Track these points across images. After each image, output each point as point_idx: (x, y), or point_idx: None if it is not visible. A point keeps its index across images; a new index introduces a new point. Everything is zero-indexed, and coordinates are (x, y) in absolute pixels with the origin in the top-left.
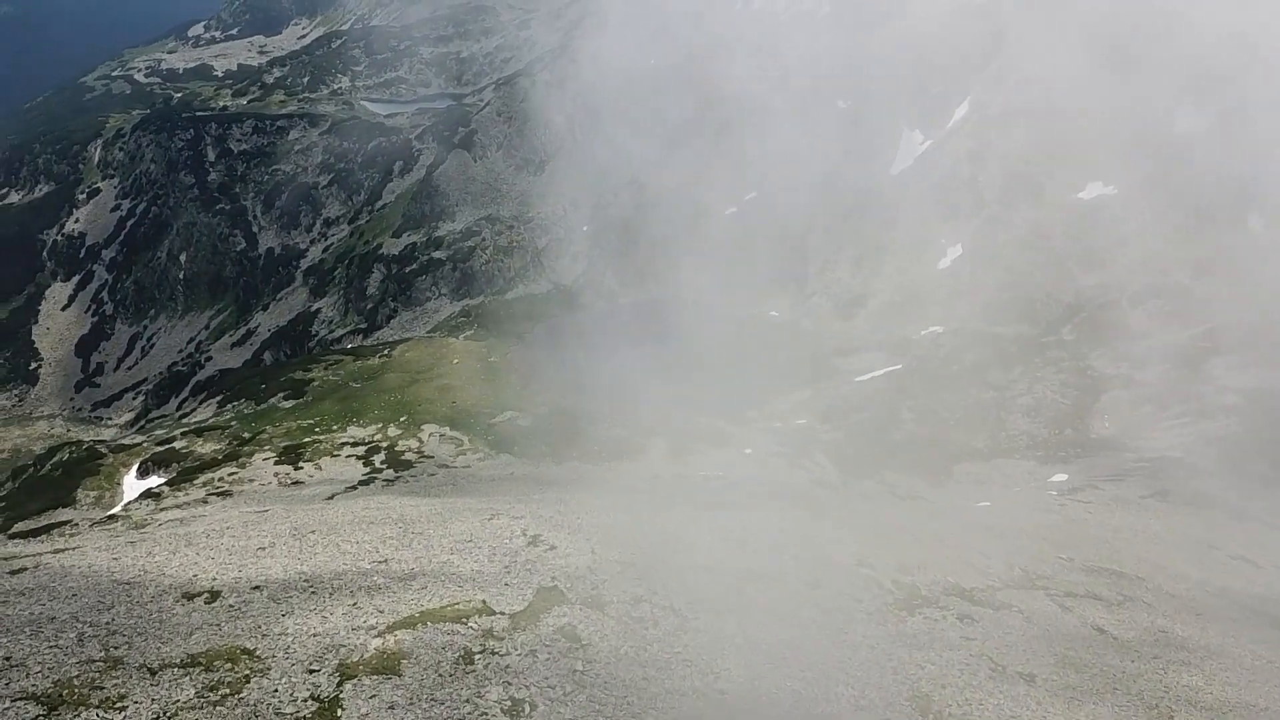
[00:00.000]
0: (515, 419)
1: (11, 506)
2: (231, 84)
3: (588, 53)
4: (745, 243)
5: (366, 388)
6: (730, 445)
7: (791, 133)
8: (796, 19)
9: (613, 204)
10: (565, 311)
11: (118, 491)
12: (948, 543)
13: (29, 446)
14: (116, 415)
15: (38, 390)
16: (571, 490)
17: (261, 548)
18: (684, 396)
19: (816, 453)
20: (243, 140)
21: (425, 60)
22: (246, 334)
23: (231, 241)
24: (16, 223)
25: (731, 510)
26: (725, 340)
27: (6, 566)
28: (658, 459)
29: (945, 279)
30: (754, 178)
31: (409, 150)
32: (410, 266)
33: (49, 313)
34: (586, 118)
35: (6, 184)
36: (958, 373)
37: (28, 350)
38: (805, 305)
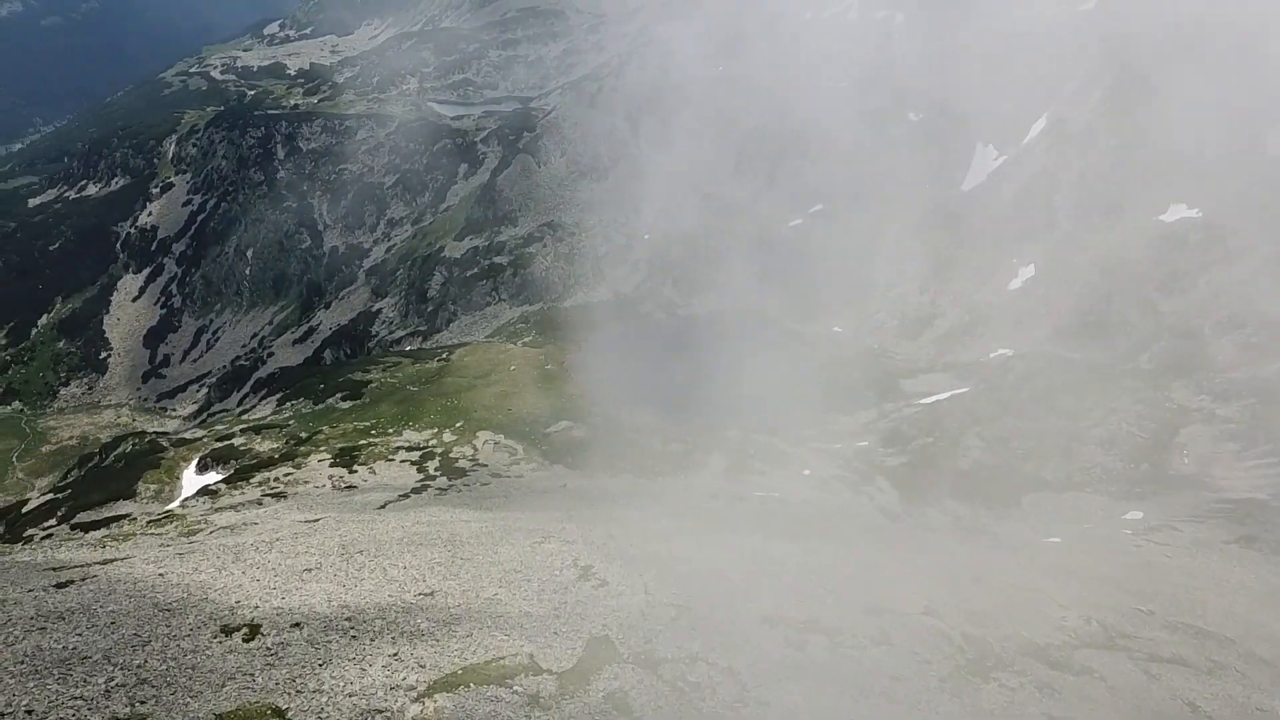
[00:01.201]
0: (570, 429)
1: (76, 495)
2: (303, 83)
3: (655, 59)
4: (809, 256)
5: (424, 391)
6: (789, 465)
7: (860, 145)
8: (868, 28)
9: (675, 213)
10: (623, 321)
11: (177, 486)
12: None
13: (96, 434)
14: (180, 407)
15: (106, 379)
16: (625, 508)
17: (308, 569)
18: (742, 412)
19: (878, 477)
20: (311, 139)
21: (493, 63)
22: (308, 331)
23: (297, 239)
24: (93, 214)
25: (791, 542)
26: (786, 356)
27: (54, 578)
28: (714, 476)
29: (1016, 300)
30: (820, 190)
31: (474, 153)
32: (471, 270)
33: (120, 303)
34: (652, 125)
35: (85, 176)
36: (1027, 399)
37: (98, 339)
38: (869, 323)
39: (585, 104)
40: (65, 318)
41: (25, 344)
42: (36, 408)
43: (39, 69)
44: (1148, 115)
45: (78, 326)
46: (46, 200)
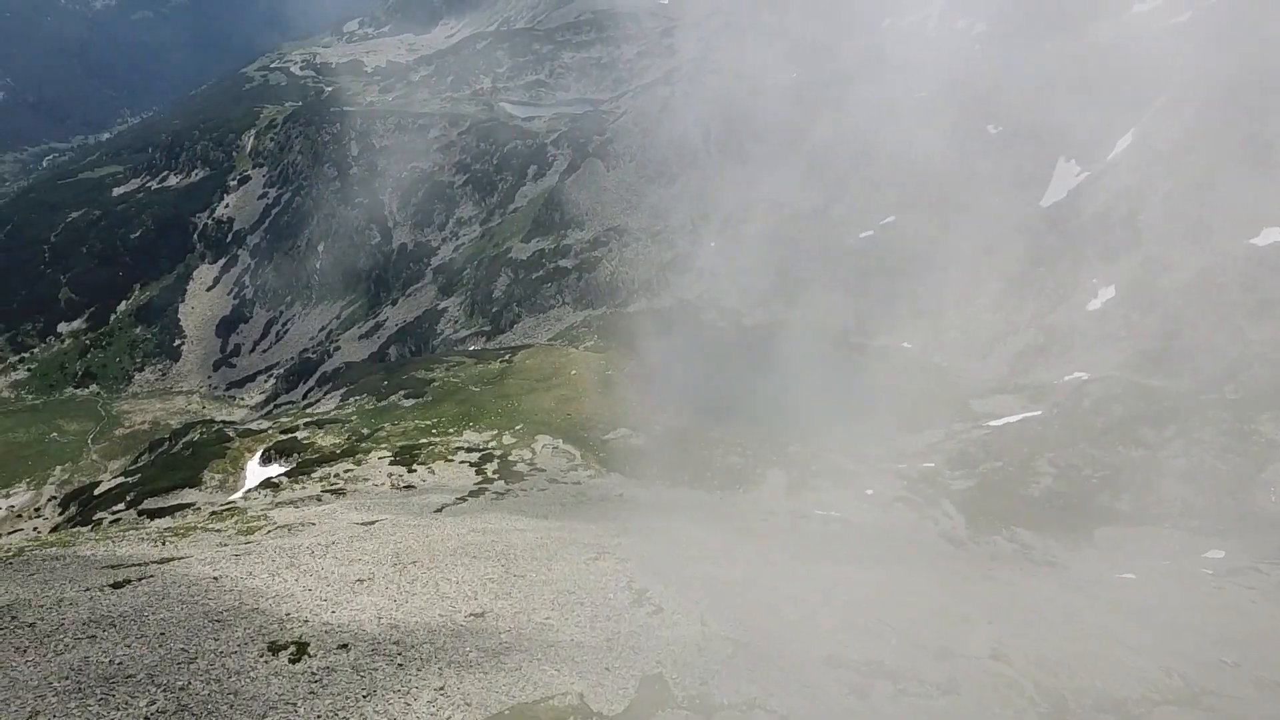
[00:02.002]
0: (629, 437)
1: (145, 481)
2: (379, 80)
3: (729, 64)
4: (879, 269)
5: (485, 392)
6: (851, 484)
7: (936, 157)
8: (947, 37)
9: (743, 220)
10: (686, 328)
11: (241, 476)
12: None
13: (167, 420)
14: (248, 396)
15: (179, 366)
16: (682, 523)
17: (360, 579)
18: (805, 427)
19: (944, 501)
20: (385, 136)
21: (566, 64)
22: (375, 327)
23: (367, 235)
24: (173, 205)
25: (854, 568)
26: (852, 371)
27: (112, 577)
28: (774, 492)
29: (1094, 322)
30: (893, 202)
31: (544, 155)
32: (537, 273)
33: (195, 292)
34: (723, 131)
35: (166, 167)
36: (1104, 426)
37: (173, 327)
38: (940, 340)
39: (656, 108)
40: (143, 305)
41: (104, 329)
42: (112, 391)
43: (128, 61)
44: (1241, 134)
45: (154, 314)
46: (130, 190)
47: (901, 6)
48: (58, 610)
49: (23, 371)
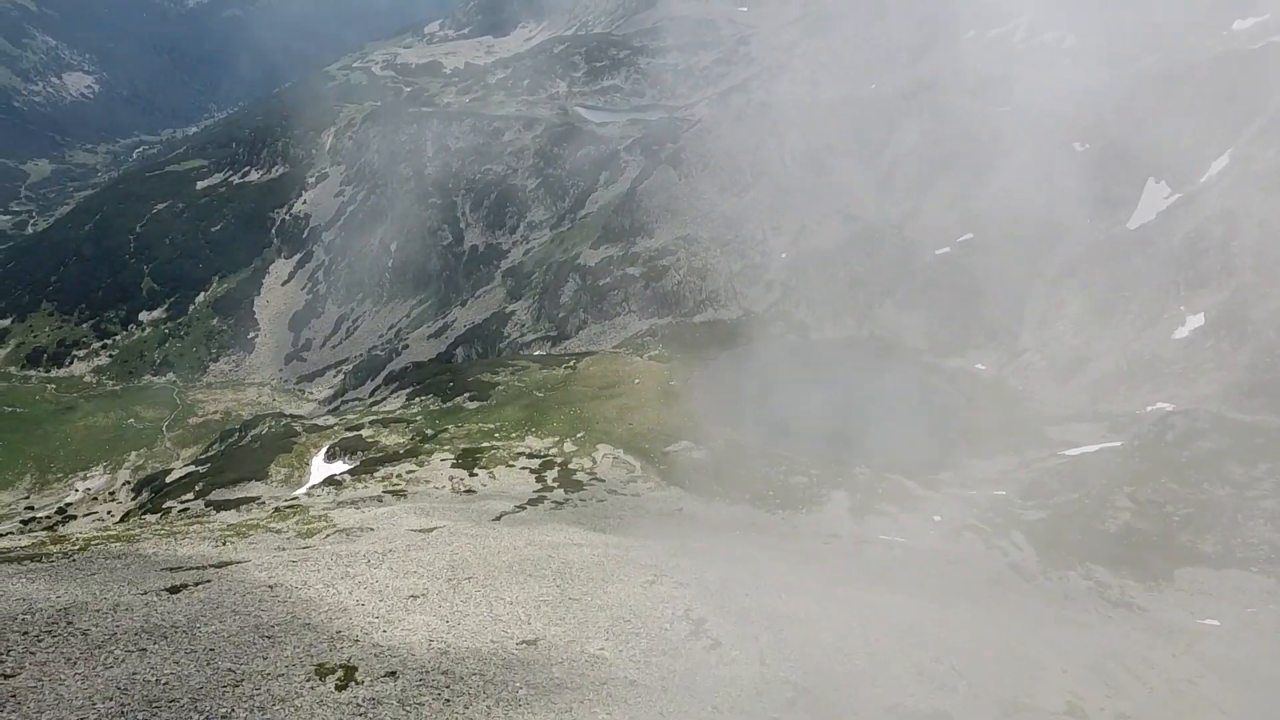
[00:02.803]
0: (690, 450)
1: (214, 472)
2: (457, 81)
3: (806, 73)
4: (955, 287)
5: (549, 398)
6: (918, 509)
7: (1019, 173)
8: (1034, 51)
9: (816, 233)
10: (753, 341)
11: (306, 471)
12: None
13: (238, 410)
14: (317, 390)
15: (252, 358)
16: (743, 544)
17: (413, 595)
18: (872, 448)
19: (1015, 531)
20: (460, 138)
21: (641, 70)
22: (443, 327)
23: (439, 235)
24: (253, 200)
25: (919, 601)
26: (923, 391)
27: (170, 580)
28: (837, 514)
29: (1181, 351)
30: (972, 218)
31: (616, 161)
32: (604, 279)
33: (270, 286)
34: (799, 141)
35: (249, 163)
36: (1188, 461)
37: (248, 320)
38: (1016, 362)
39: (732, 117)
40: (220, 297)
41: (183, 319)
42: (188, 380)
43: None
44: None
45: (231, 306)
46: (213, 184)
47: (987, 18)
48: (112, 617)
49: (105, 357)
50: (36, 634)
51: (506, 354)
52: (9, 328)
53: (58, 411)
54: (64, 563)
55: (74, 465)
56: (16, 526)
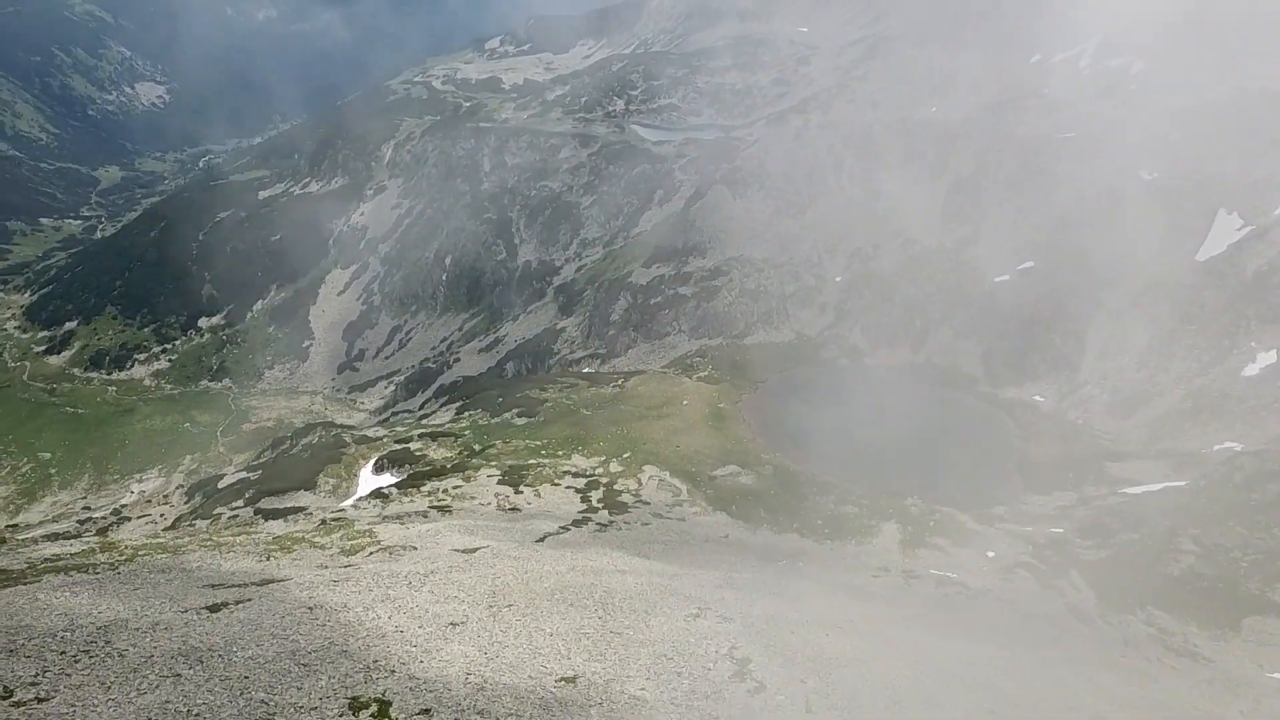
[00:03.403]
0: (738, 475)
1: (264, 479)
2: (515, 98)
3: (866, 95)
4: (1014, 315)
5: (596, 417)
6: (971, 544)
7: (1083, 201)
8: (1101, 76)
9: (872, 257)
10: (805, 365)
11: (354, 483)
12: None
13: (291, 418)
14: (368, 400)
15: (306, 366)
16: (789, 576)
17: (453, 623)
18: (924, 479)
19: (1072, 571)
20: (517, 154)
21: (699, 89)
22: (494, 341)
23: (493, 250)
24: (313, 211)
25: (974, 645)
26: (978, 422)
27: (211, 597)
28: (887, 546)
29: (1251, 389)
30: (1033, 246)
31: (671, 180)
32: (655, 299)
33: (326, 296)
34: (856, 163)
35: (309, 174)
36: (1258, 504)
37: (304, 329)
38: (1075, 395)
39: (789, 137)
40: (278, 305)
41: (240, 326)
42: (243, 387)
43: (283, 70)
44: None
45: (287, 314)
46: (274, 194)
47: (1054, 42)
48: (151, 636)
49: (164, 362)
50: (74, 654)
51: (555, 370)
52: (75, 330)
53: (117, 414)
54: (109, 575)
55: (131, 467)
56: (73, 526)
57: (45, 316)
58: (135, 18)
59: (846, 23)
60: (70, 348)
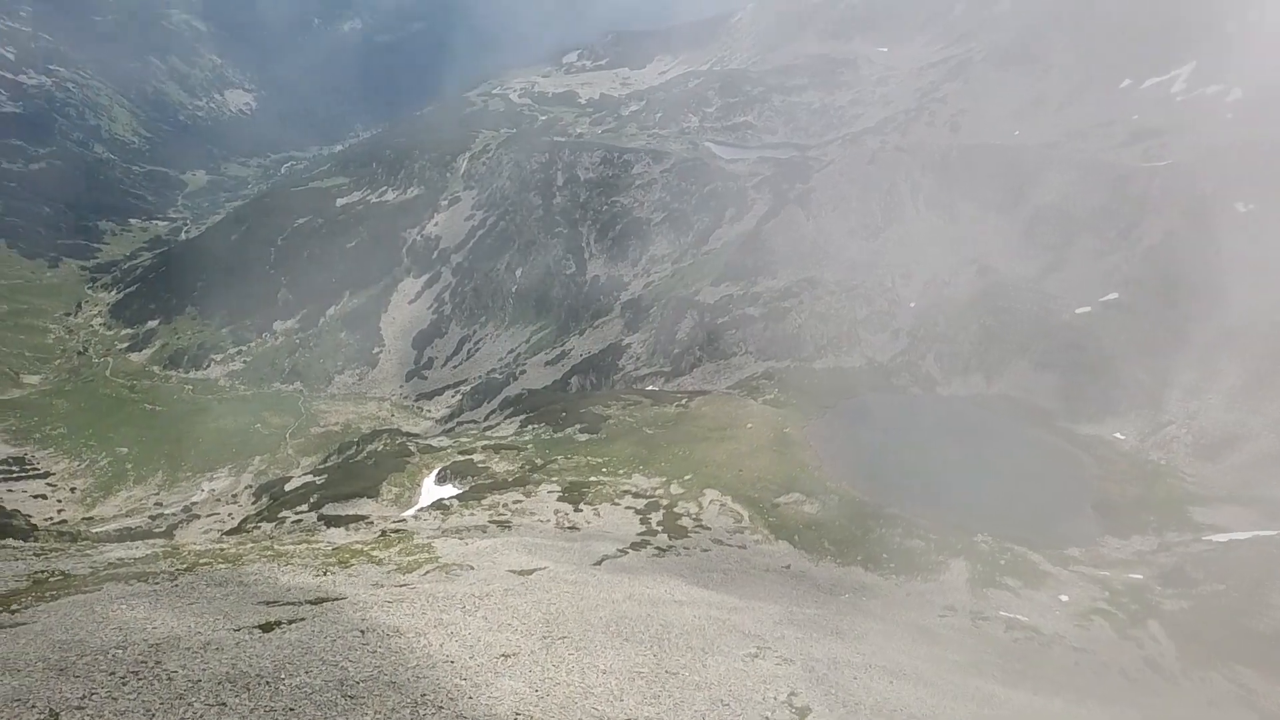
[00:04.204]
0: (801, 503)
1: (329, 485)
2: (591, 112)
3: (946, 117)
4: (1095, 349)
5: (658, 436)
6: (1043, 586)
7: (1172, 232)
8: (1195, 104)
9: (948, 283)
10: (875, 392)
11: (416, 492)
12: None
13: (358, 423)
14: (434, 409)
15: (375, 373)
16: (853, 613)
17: (504, 654)
18: (996, 515)
19: (1152, 621)
20: (590, 169)
21: (775, 108)
22: (560, 355)
23: (563, 264)
24: (388, 219)
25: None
26: (1054, 458)
27: (265, 615)
28: (955, 584)
29: None
30: (1118, 277)
31: (743, 198)
32: (722, 318)
33: (397, 304)
34: (934, 187)
35: (386, 183)
36: None
37: (374, 335)
38: (1159, 434)
39: (865, 159)
40: (350, 311)
41: (313, 331)
42: (313, 390)
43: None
44: None
45: (359, 321)
46: (351, 201)
47: (1145, 67)
48: (201, 658)
49: (239, 363)
50: (123, 675)
51: (619, 387)
52: (156, 329)
53: (192, 412)
54: (167, 586)
55: (202, 465)
56: (145, 522)
57: (129, 314)
58: (228, 27)
59: (928, 44)
60: (151, 346)
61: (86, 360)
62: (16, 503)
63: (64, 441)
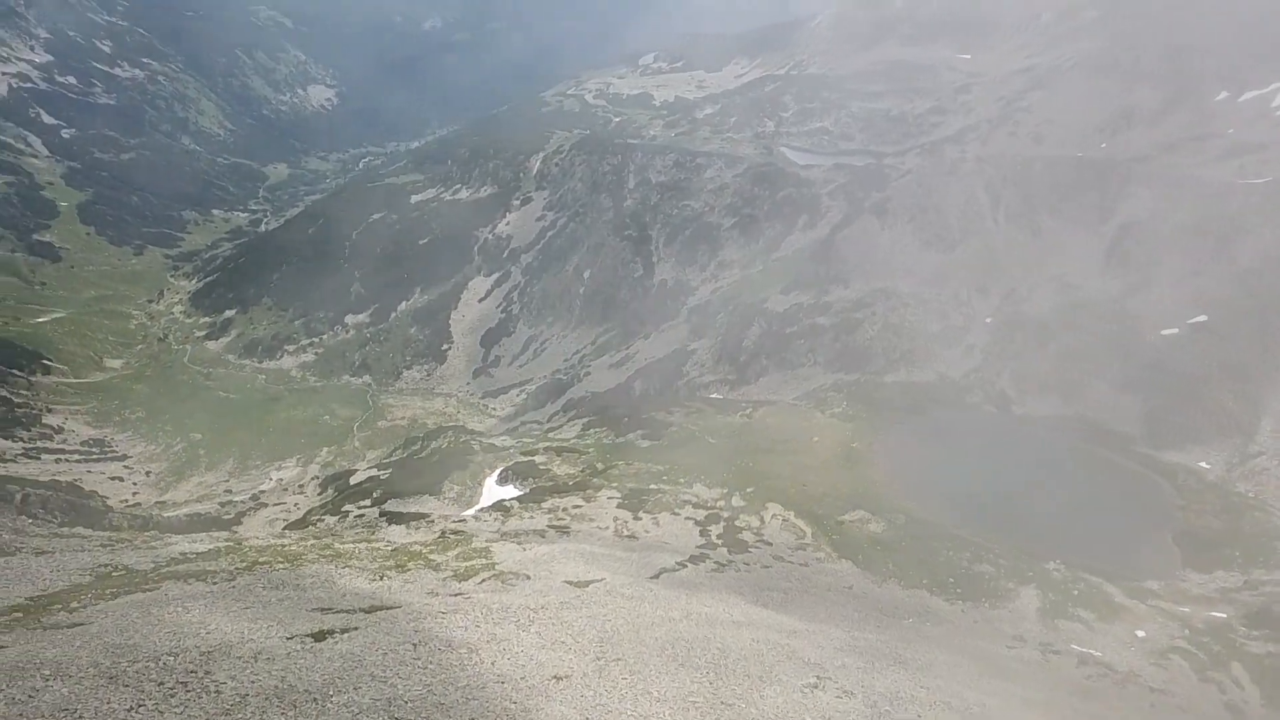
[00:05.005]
0: (866, 521)
1: (392, 480)
2: (666, 115)
3: (1030, 128)
4: (1181, 373)
5: (721, 446)
6: (1118, 620)
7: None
8: None
9: (1026, 299)
10: (947, 409)
11: (478, 491)
12: None
13: (424, 419)
14: (500, 407)
15: (443, 369)
16: (917, 641)
17: (558, 676)
18: (1069, 542)
19: (1235, 664)
20: (662, 172)
21: (852, 114)
22: (625, 358)
23: (631, 267)
24: (460, 218)
25: None
26: (1133, 486)
27: (319, 623)
28: (1023, 613)
29: None
30: (1208, 299)
31: (817, 205)
32: (791, 327)
33: (467, 302)
34: (1015, 199)
35: (460, 181)
36: None
37: (444, 332)
38: (1247, 465)
39: (944, 169)
40: (420, 307)
41: (384, 326)
42: (381, 384)
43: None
44: None
45: (429, 317)
46: (425, 199)
47: (1243, 79)
48: (251, 669)
49: (310, 355)
50: (171, 686)
51: (683, 393)
52: (233, 318)
53: (264, 401)
54: (225, 587)
55: (272, 454)
56: (215, 508)
57: (208, 303)
58: (312, 23)
59: (1013, 51)
60: (227, 334)
61: (166, 347)
62: (95, 484)
63: (142, 425)
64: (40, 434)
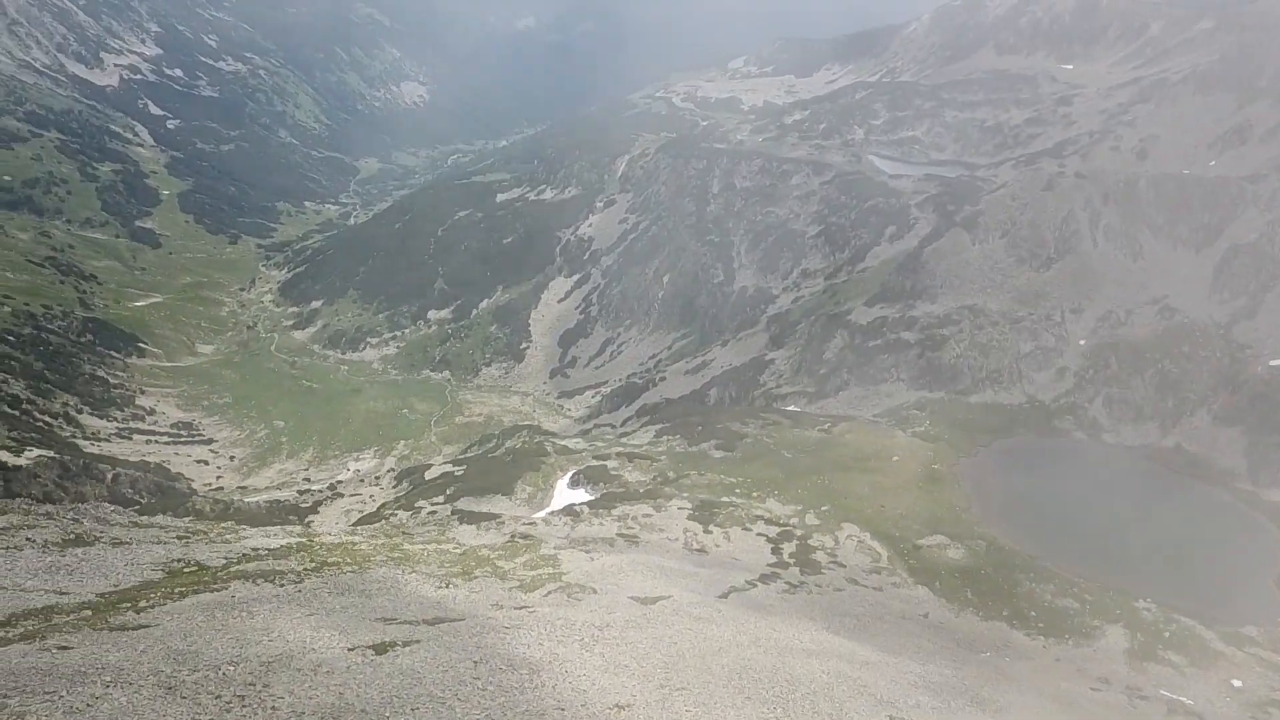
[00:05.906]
0: (945, 547)
1: (466, 477)
2: (753, 119)
3: (1133, 143)
4: None
5: (797, 461)
6: (1213, 666)
7: None
8: None
9: (1123, 322)
10: (1035, 433)
11: (549, 493)
12: None
13: (500, 416)
14: (574, 408)
15: (521, 368)
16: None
17: (619, 705)
18: (1162, 580)
19: None
20: (747, 178)
21: (945, 123)
22: (701, 365)
23: (711, 273)
24: (544, 218)
25: None
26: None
27: (381, 634)
28: (1110, 653)
29: None
30: None
31: (905, 216)
32: (875, 341)
33: (547, 302)
34: (1115, 218)
35: (545, 181)
36: None
37: (523, 331)
38: None
39: (1039, 183)
40: (501, 305)
41: (465, 322)
42: (460, 380)
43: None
44: None
45: (509, 315)
46: (510, 198)
47: None
48: (310, 682)
49: (393, 348)
50: (228, 700)
51: (759, 404)
52: (319, 309)
53: (346, 392)
54: (292, 590)
55: (350, 445)
56: (293, 495)
57: (296, 293)
58: (407, 21)
59: (1119, 62)
60: (314, 325)
61: (255, 335)
62: (181, 466)
63: (228, 411)
64: (133, 414)
